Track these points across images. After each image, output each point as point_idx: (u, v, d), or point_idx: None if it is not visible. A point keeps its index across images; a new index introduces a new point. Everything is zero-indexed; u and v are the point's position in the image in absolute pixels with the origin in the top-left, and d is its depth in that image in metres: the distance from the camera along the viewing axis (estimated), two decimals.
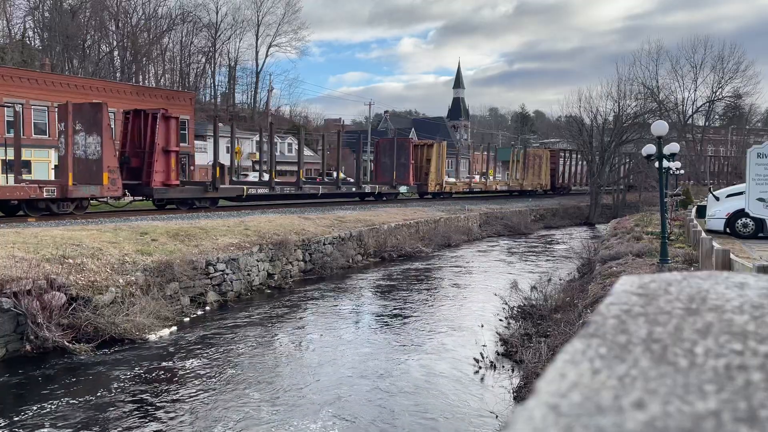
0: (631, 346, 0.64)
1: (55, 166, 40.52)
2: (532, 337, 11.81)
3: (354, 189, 35.39)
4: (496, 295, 15.69)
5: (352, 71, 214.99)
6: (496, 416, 8.90)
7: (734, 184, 24.73)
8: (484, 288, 18.64)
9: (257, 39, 79.16)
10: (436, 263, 23.70)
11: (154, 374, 10.61)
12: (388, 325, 14.39)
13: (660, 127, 14.50)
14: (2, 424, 8.57)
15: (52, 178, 36.16)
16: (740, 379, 0.57)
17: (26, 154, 39.29)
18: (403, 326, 14.20)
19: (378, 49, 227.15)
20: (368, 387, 10.12)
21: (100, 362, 11.15)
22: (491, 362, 11.14)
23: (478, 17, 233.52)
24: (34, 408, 9.10)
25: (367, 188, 36.12)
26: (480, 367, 10.93)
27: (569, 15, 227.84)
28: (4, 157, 34.23)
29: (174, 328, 13.29)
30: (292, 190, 31.38)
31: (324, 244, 21.40)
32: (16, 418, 8.75)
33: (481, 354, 11.29)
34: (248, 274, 17.48)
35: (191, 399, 9.55)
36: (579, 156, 58.48)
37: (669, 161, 18.54)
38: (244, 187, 28.87)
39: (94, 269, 13.33)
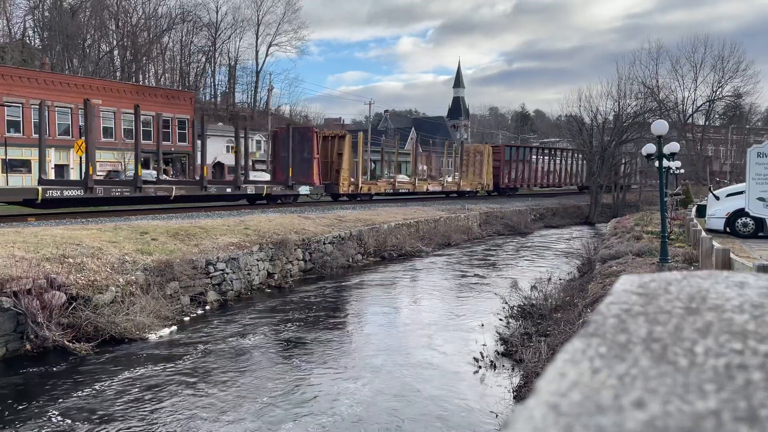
0: (631, 346, 0.64)
1: (56, 165, 40.60)
2: (532, 337, 11.80)
3: (230, 190, 27.85)
4: (496, 294, 15.70)
5: (351, 70, 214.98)
6: (496, 415, 8.90)
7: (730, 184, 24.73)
8: (484, 287, 18.65)
9: (257, 38, 79.18)
10: (436, 263, 23.70)
11: (154, 374, 10.61)
12: (387, 324, 14.39)
13: (660, 126, 14.50)
14: (2, 424, 8.57)
15: (53, 177, 36.18)
16: (740, 379, 0.57)
17: (26, 154, 39.33)
18: (402, 326, 14.20)
19: (377, 48, 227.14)
20: (367, 386, 10.12)
21: (100, 362, 11.15)
22: (491, 361, 11.14)
23: (476, 16, 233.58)
24: (34, 408, 9.10)
25: (250, 189, 28.59)
26: (480, 366, 10.93)
27: (568, 14, 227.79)
28: (4, 157, 34.22)
29: (174, 327, 13.30)
30: (126, 192, 24.11)
31: (324, 244, 21.40)
32: (16, 418, 8.75)
33: (481, 353, 11.29)
34: (248, 274, 17.48)
35: (191, 398, 9.55)
36: (528, 152, 53.98)
37: (669, 160, 18.54)
38: (39, 188, 21.69)
39: (94, 268, 13.33)
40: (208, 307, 15.33)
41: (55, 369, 10.72)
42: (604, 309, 0.73)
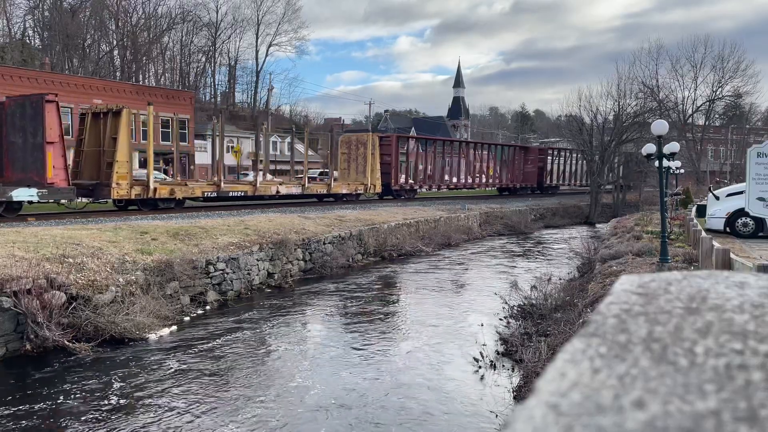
0: (631, 346, 0.64)
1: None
2: (532, 337, 11.81)
3: None
4: (496, 294, 15.69)
5: (349, 70, 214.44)
6: (496, 415, 8.90)
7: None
8: (484, 287, 18.65)
9: (257, 38, 79.24)
10: (436, 262, 23.70)
11: (154, 374, 10.61)
12: (387, 324, 14.39)
13: (660, 126, 14.49)
14: (2, 424, 8.57)
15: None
16: (740, 379, 0.57)
17: None
18: (402, 325, 14.20)
19: (374, 48, 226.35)
20: (367, 386, 10.13)
21: (100, 361, 11.15)
22: (491, 361, 11.14)
23: (474, 15, 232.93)
24: (34, 408, 9.10)
25: None
26: (480, 367, 10.93)
27: (566, 13, 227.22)
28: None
29: (174, 327, 13.30)
30: None
31: (324, 244, 21.40)
32: (16, 418, 8.75)
33: (481, 353, 11.29)
34: (248, 274, 17.48)
35: (191, 398, 9.55)
36: (431, 145, 44.21)
37: (669, 160, 18.53)
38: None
39: (94, 268, 13.33)
40: (208, 307, 15.33)
41: (55, 369, 10.71)
42: (604, 309, 0.73)
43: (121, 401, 9.40)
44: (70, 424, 8.58)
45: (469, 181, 47.51)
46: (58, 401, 9.34)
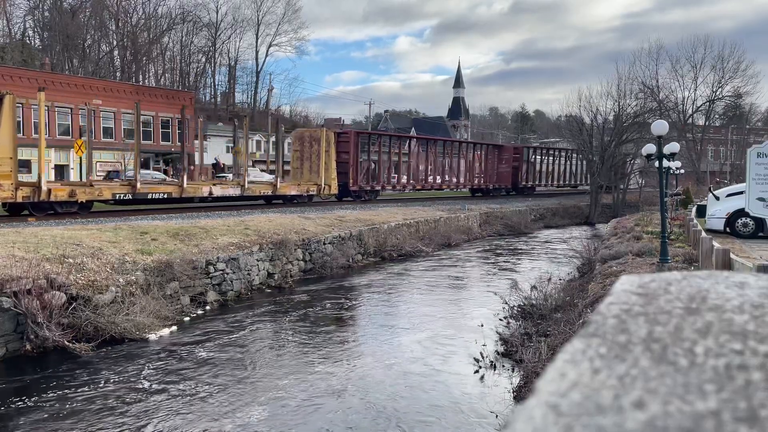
0: (631, 346, 0.64)
1: (55, 165, 40.58)
2: (532, 337, 11.80)
3: None
4: (496, 294, 15.69)
5: (349, 70, 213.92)
6: (496, 416, 8.89)
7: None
8: (484, 287, 18.64)
9: (257, 38, 79.17)
10: (436, 263, 23.70)
11: (154, 374, 10.61)
12: (387, 324, 14.38)
13: (660, 126, 14.49)
14: (3, 425, 8.57)
15: (52, 178, 36.12)
16: (740, 379, 0.57)
17: (26, 154, 39.28)
18: (402, 325, 14.19)
19: (374, 48, 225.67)
20: (366, 386, 10.12)
21: (100, 362, 11.15)
22: (491, 362, 11.14)
23: (474, 15, 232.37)
24: (34, 408, 9.10)
25: None
26: (480, 367, 10.93)
27: (566, 13, 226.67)
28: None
29: (174, 327, 13.30)
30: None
31: (324, 244, 21.40)
32: (15, 418, 8.75)
33: (481, 353, 11.29)
34: (248, 274, 17.48)
35: (191, 398, 9.55)
36: (396, 142, 41.07)
37: (669, 161, 18.53)
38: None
39: (94, 269, 13.33)
40: (208, 308, 15.33)
41: (55, 369, 10.71)
42: (604, 309, 0.73)
43: (121, 401, 9.40)
44: (70, 424, 8.58)
45: (438, 180, 44.47)
46: (58, 401, 9.33)
